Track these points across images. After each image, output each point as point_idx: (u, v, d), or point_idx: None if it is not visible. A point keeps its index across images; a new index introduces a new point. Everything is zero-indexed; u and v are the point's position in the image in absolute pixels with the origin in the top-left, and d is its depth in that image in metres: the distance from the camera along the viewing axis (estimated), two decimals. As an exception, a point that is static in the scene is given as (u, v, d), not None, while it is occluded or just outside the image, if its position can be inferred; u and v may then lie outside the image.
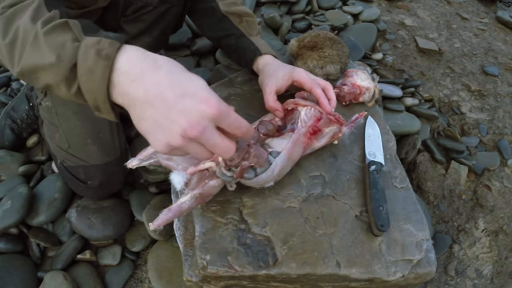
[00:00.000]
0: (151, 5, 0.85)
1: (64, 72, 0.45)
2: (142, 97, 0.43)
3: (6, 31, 0.48)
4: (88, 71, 0.44)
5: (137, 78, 0.43)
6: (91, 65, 0.44)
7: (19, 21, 0.48)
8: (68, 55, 0.45)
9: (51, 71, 0.46)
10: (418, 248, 0.67)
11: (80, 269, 0.92)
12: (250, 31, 0.90)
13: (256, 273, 0.62)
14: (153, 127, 0.43)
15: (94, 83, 0.44)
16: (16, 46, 0.48)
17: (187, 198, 0.61)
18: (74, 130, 0.83)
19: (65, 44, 0.45)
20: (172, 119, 0.42)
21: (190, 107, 0.42)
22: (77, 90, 0.46)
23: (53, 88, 0.48)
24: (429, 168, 1.21)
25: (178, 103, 0.42)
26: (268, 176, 0.64)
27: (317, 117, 0.72)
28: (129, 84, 0.43)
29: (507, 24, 1.80)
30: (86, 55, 0.44)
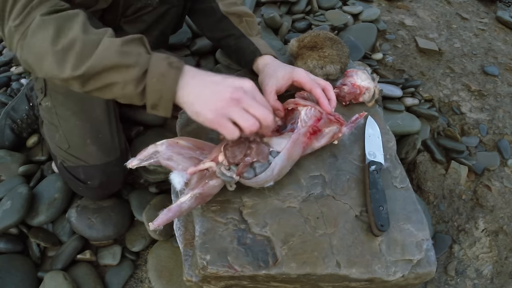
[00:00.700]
0: (151, 5, 0.85)
1: (138, 74, 0.57)
2: (199, 84, 0.60)
3: (57, 38, 0.57)
4: (160, 75, 0.58)
5: (196, 75, 0.61)
6: (164, 72, 0.58)
7: (70, 32, 0.57)
8: (143, 61, 0.58)
9: (125, 72, 0.57)
10: (418, 248, 0.67)
11: (80, 269, 0.92)
12: (250, 31, 0.90)
13: (256, 273, 0.62)
14: (206, 99, 0.59)
15: (164, 85, 0.58)
16: (71, 53, 0.56)
17: (187, 198, 0.61)
18: (74, 130, 0.83)
19: (141, 53, 0.59)
20: (220, 90, 0.59)
21: (232, 81, 0.61)
22: (142, 90, 0.58)
23: (116, 87, 0.58)
24: (429, 168, 1.21)
25: (224, 81, 0.61)
26: (267, 176, 0.64)
27: (317, 117, 0.72)
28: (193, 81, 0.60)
29: (507, 24, 1.80)
30: (158, 64, 0.58)
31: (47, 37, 0.56)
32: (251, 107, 0.60)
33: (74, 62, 0.56)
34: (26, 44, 0.58)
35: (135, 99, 0.60)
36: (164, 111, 0.61)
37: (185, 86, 0.60)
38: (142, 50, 0.60)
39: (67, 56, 0.57)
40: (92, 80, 0.58)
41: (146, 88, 0.58)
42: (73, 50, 0.56)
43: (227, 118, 0.59)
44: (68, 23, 0.58)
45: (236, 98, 0.59)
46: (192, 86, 0.60)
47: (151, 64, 0.58)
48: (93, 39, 0.58)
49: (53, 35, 0.56)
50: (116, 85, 0.58)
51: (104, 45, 0.57)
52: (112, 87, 0.59)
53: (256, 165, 0.65)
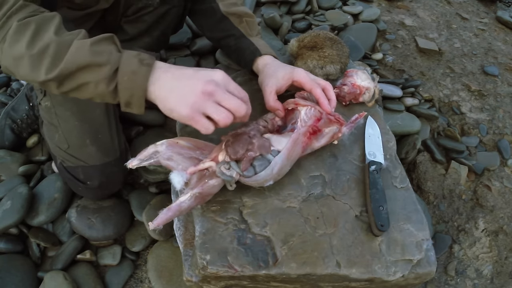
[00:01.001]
0: (152, 6, 0.85)
1: (109, 72, 0.58)
2: (170, 79, 0.60)
3: (32, 43, 0.57)
4: (131, 73, 0.58)
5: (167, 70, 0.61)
6: (134, 69, 0.58)
7: (44, 36, 0.58)
8: (114, 60, 0.58)
9: (97, 71, 0.57)
10: (418, 248, 0.67)
11: (80, 269, 0.92)
12: (250, 31, 0.90)
13: (256, 273, 0.62)
14: (179, 95, 0.59)
15: (135, 82, 0.58)
16: (46, 56, 0.57)
17: (187, 197, 0.61)
18: (73, 131, 0.83)
19: (112, 51, 0.59)
20: (192, 84, 0.59)
21: (203, 74, 0.60)
22: (114, 88, 0.59)
23: (89, 87, 0.59)
24: (429, 168, 1.21)
25: (195, 74, 0.60)
26: (267, 175, 0.64)
27: (317, 117, 0.72)
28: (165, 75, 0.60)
29: (507, 24, 1.80)
30: (129, 61, 0.58)
31: (23, 42, 0.57)
32: (224, 100, 0.60)
33: (48, 65, 0.57)
34: (5, 49, 0.59)
35: (108, 97, 0.60)
36: (138, 109, 0.61)
37: (155, 82, 0.60)
38: (113, 49, 0.60)
39: (42, 59, 0.57)
40: (67, 81, 0.59)
41: (118, 86, 0.59)
42: (47, 53, 0.57)
43: (201, 113, 0.59)
44: (43, 26, 0.59)
45: (209, 92, 0.59)
46: (163, 81, 0.60)
47: (122, 62, 0.58)
48: (66, 41, 0.58)
49: (28, 39, 0.57)
50: (89, 85, 0.59)
51: (76, 45, 0.58)
52: (86, 86, 0.59)
53: (256, 164, 0.65)
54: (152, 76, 0.60)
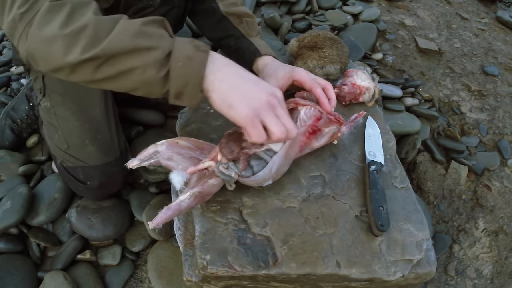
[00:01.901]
0: (152, 6, 0.85)
1: (161, 56, 0.52)
2: (234, 74, 0.57)
3: (66, 23, 0.52)
4: (186, 58, 0.53)
5: (229, 64, 0.58)
6: (190, 54, 0.54)
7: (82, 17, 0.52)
8: (166, 43, 0.53)
9: (146, 54, 0.52)
10: (418, 248, 0.67)
11: (80, 269, 0.92)
12: (250, 31, 0.90)
13: (256, 273, 0.62)
14: (244, 94, 0.56)
15: (191, 68, 0.54)
16: (83, 36, 0.51)
17: (186, 197, 0.61)
18: (73, 131, 0.83)
19: (163, 35, 0.54)
20: (258, 90, 0.57)
21: (268, 86, 0.59)
22: (165, 74, 0.53)
23: (135, 73, 0.53)
24: (429, 168, 1.21)
25: (260, 82, 0.59)
26: (265, 174, 0.64)
27: (316, 116, 0.72)
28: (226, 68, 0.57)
29: (507, 24, 1.80)
30: (183, 46, 0.54)
31: (57, 22, 0.52)
32: (283, 117, 0.58)
33: (85, 45, 0.51)
34: (32, 32, 0.53)
35: (156, 87, 0.55)
36: (190, 100, 0.56)
37: (215, 72, 0.55)
38: (164, 32, 0.55)
39: (78, 38, 0.51)
40: (106, 65, 0.53)
41: (170, 72, 0.53)
42: (84, 32, 0.51)
43: (260, 120, 0.56)
44: (80, 9, 0.53)
45: (272, 104, 0.57)
46: (225, 74, 0.56)
47: (176, 46, 0.54)
48: (108, 22, 0.53)
49: (63, 20, 0.52)
50: (135, 71, 0.53)
51: (121, 26, 0.52)
52: (131, 72, 0.53)
53: (254, 164, 0.65)
54: (210, 65, 0.55)
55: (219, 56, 0.58)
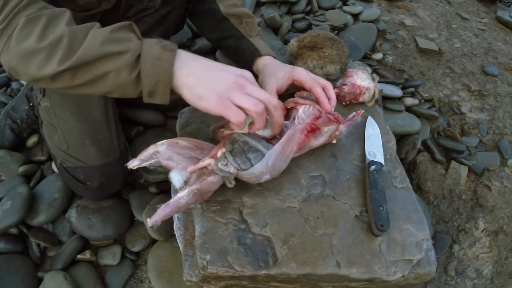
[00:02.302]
0: (153, 7, 0.85)
1: (131, 59, 0.55)
2: (199, 67, 0.59)
3: (42, 36, 0.55)
4: (154, 58, 0.56)
5: (194, 58, 0.60)
6: (158, 54, 0.56)
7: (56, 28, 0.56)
8: (135, 46, 0.56)
9: (117, 59, 0.55)
10: (418, 248, 0.67)
11: (80, 269, 0.92)
12: (250, 32, 0.90)
13: (256, 273, 0.62)
14: (210, 82, 0.58)
15: (160, 68, 0.56)
16: (59, 47, 0.55)
17: (185, 193, 0.61)
18: (73, 131, 0.83)
19: (131, 39, 0.57)
20: (223, 75, 0.59)
21: (234, 69, 0.61)
22: (137, 76, 0.56)
23: (109, 76, 0.56)
24: (429, 168, 1.21)
25: (226, 67, 0.61)
26: (262, 167, 0.65)
27: (315, 115, 0.72)
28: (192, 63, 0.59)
29: (507, 24, 1.80)
30: (151, 48, 0.57)
31: (33, 36, 0.55)
32: (255, 92, 0.60)
33: (61, 57, 0.54)
34: (11, 46, 0.56)
35: (129, 88, 0.58)
36: (162, 97, 0.59)
37: (183, 67, 0.58)
38: (133, 36, 0.58)
39: (54, 51, 0.55)
40: (82, 72, 0.56)
41: (141, 73, 0.56)
42: (60, 44, 0.54)
43: (231, 102, 0.58)
44: (54, 20, 0.56)
45: (240, 84, 0.59)
46: (191, 68, 0.58)
47: (144, 48, 0.57)
48: (81, 31, 0.56)
49: (39, 33, 0.55)
50: (109, 74, 0.56)
51: (93, 34, 0.55)
52: (105, 77, 0.56)
53: (251, 156, 0.65)
54: (178, 62, 0.58)
55: (185, 52, 0.60)
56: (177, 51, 0.59)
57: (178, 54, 0.59)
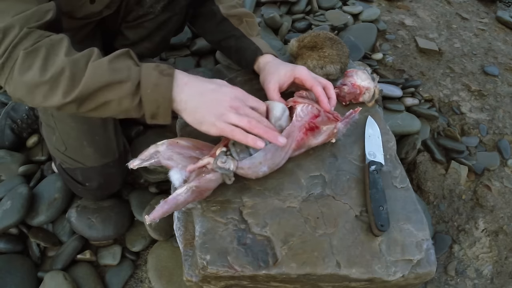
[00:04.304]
0: (153, 13, 0.85)
1: (131, 88, 0.58)
2: (196, 93, 0.62)
3: (45, 69, 0.57)
4: (153, 85, 0.59)
5: (190, 83, 0.63)
6: (156, 81, 0.59)
7: (56, 59, 0.57)
8: (134, 74, 0.59)
9: (118, 89, 0.58)
10: (418, 248, 0.67)
11: (80, 269, 0.92)
12: (250, 31, 0.90)
13: (256, 273, 0.62)
14: (208, 109, 0.62)
15: (159, 94, 0.60)
16: (62, 80, 0.56)
17: (183, 190, 0.61)
18: (70, 133, 0.83)
19: (130, 67, 0.59)
20: (219, 99, 0.63)
21: (228, 91, 0.65)
22: (138, 102, 0.60)
23: (112, 105, 0.59)
24: (429, 168, 1.21)
25: (220, 89, 0.64)
26: (261, 157, 0.65)
27: (314, 114, 0.72)
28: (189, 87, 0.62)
29: (507, 24, 1.80)
30: (149, 74, 0.59)
31: (35, 69, 0.56)
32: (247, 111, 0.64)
33: (65, 89, 0.57)
34: (15, 79, 0.57)
35: (132, 112, 0.61)
36: (164, 119, 0.62)
37: (180, 94, 0.61)
38: (131, 63, 0.60)
39: (58, 83, 0.57)
40: (87, 102, 0.59)
41: (142, 99, 0.59)
42: (63, 76, 0.56)
43: (228, 123, 0.62)
44: (53, 50, 0.58)
45: (235, 106, 0.63)
46: (187, 94, 0.62)
47: (143, 75, 0.59)
48: (81, 62, 0.58)
49: (40, 66, 0.56)
50: (112, 103, 0.59)
51: (93, 66, 0.58)
52: (108, 105, 0.59)
53: (251, 149, 0.66)
54: (176, 87, 0.61)
55: (181, 76, 0.63)
56: (174, 75, 0.62)
57: (176, 79, 0.62)
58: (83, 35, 0.85)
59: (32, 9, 0.58)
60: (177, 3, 0.87)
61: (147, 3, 0.84)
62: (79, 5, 0.74)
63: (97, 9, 0.77)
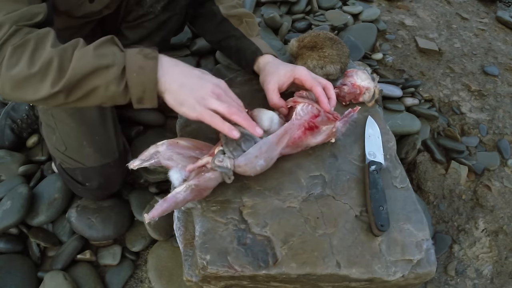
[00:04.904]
0: (153, 13, 0.85)
1: (117, 72, 0.59)
2: (180, 74, 0.63)
3: (32, 62, 0.57)
4: (138, 68, 0.59)
5: (175, 65, 0.64)
6: (141, 64, 0.60)
7: (43, 52, 0.57)
8: (119, 59, 0.59)
9: (105, 74, 0.58)
10: (418, 248, 0.67)
11: (80, 269, 0.92)
12: (250, 31, 0.90)
13: (256, 273, 0.62)
14: (190, 92, 0.63)
15: (145, 76, 0.60)
16: (50, 71, 0.57)
17: (182, 189, 0.61)
18: (70, 133, 0.83)
19: (115, 52, 0.60)
20: (202, 84, 0.64)
21: (211, 78, 0.67)
22: (124, 87, 0.60)
23: (99, 90, 0.59)
24: (429, 168, 1.21)
25: (204, 76, 0.66)
26: (256, 150, 0.65)
27: (314, 113, 0.72)
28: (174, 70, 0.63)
29: (507, 24, 1.80)
30: (134, 58, 0.60)
31: (23, 63, 0.56)
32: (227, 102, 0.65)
33: (53, 79, 0.57)
34: (3, 75, 0.57)
35: (119, 98, 0.61)
36: (150, 102, 0.62)
37: (165, 74, 0.62)
38: (116, 49, 0.61)
39: (46, 75, 0.57)
40: (74, 90, 0.59)
41: (128, 84, 0.60)
42: (51, 67, 0.57)
43: (207, 109, 0.62)
44: (40, 44, 0.58)
45: (217, 93, 0.64)
46: (172, 75, 0.63)
47: (128, 60, 0.59)
48: (68, 50, 0.58)
49: (28, 59, 0.57)
50: (99, 89, 0.59)
51: (79, 53, 0.58)
52: (95, 91, 0.60)
53: (242, 144, 0.66)
54: (160, 69, 0.61)
55: (166, 59, 0.64)
56: (158, 58, 0.62)
57: (160, 61, 0.62)
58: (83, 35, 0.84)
59: (23, 9, 0.58)
60: (177, 3, 0.87)
61: (147, 3, 0.84)
62: (78, 4, 0.74)
63: (96, 9, 0.77)
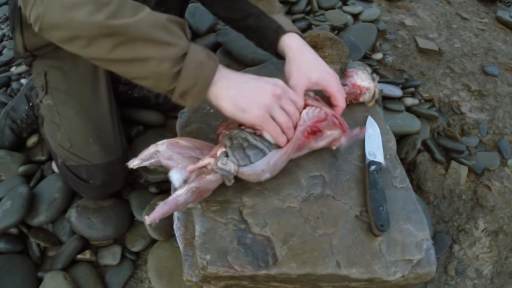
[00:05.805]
0: None
1: (178, 54, 0.56)
2: (237, 80, 0.62)
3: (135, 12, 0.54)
4: (198, 62, 0.57)
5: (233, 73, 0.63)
6: (202, 60, 0.58)
7: None
8: (183, 44, 0.57)
9: (165, 49, 0.55)
10: (418, 248, 0.67)
11: (80, 269, 0.92)
12: (271, 8, 0.80)
13: (256, 273, 0.62)
14: (251, 98, 0.61)
15: (201, 72, 0.58)
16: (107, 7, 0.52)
17: (183, 191, 0.61)
18: (76, 130, 0.83)
19: (182, 37, 0.58)
20: (262, 86, 0.63)
21: (269, 79, 0.65)
22: (178, 71, 0.56)
23: (151, 63, 0.55)
24: (429, 168, 1.21)
25: (261, 78, 0.65)
26: (264, 165, 0.65)
27: (320, 118, 0.71)
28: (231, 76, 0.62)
29: (507, 24, 1.80)
30: (198, 51, 0.58)
31: None
32: (286, 104, 0.64)
33: (110, 13, 0.51)
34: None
35: (165, 81, 0.57)
36: (194, 100, 0.59)
37: (222, 80, 0.60)
38: (183, 35, 0.58)
39: (101, 6, 0.51)
40: (124, 46, 0.53)
41: (182, 71, 0.56)
42: (108, 6, 0.52)
43: (270, 115, 0.62)
44: None
45: (278, 95, 0.63)
46: (230, 81, 0.61)
47: (191, 49, 0.57)
48: (131, 5, 0.54)
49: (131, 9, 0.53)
50: (151, 61, 0.54)
51: (147, 14, 0.54)
52: (146, 62, 0.55)
53: (250, 153, 0.65)
54: (218, 73, 0.60)
55: (224, 67, 0.62)
56: (218, 63, 0.61)
57: (219, 66, 0.61)
58: None
59: None
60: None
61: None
62: None
63: None
